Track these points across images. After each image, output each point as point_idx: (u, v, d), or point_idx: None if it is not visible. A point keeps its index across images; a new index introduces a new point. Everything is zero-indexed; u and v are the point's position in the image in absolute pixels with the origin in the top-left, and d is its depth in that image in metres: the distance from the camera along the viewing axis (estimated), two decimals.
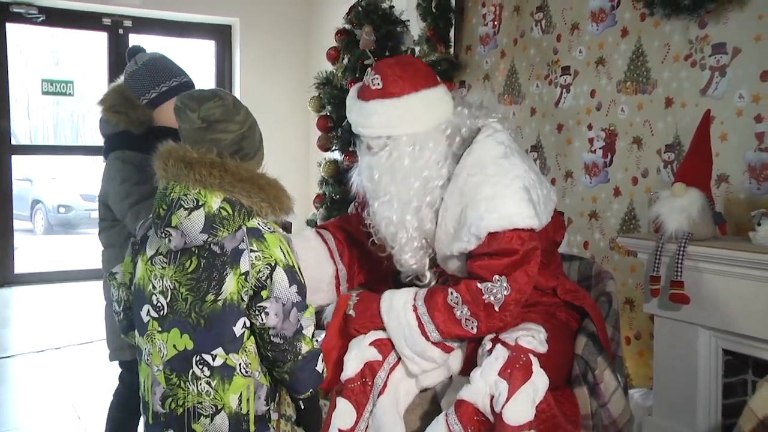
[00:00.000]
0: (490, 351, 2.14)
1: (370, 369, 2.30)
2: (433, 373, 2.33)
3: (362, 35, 4.01)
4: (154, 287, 1.94)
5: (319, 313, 2.36)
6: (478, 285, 2.15)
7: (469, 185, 2.20)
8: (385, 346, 2.29)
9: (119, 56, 6.68)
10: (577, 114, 3.95)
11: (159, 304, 1.93)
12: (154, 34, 6.96)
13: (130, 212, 2.54)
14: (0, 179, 6.45)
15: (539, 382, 2.09)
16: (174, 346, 1.92)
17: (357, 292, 2.38)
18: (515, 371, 2.06)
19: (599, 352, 2.37)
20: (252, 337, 1.94)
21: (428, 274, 2.36)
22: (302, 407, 2.03)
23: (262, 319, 1.88)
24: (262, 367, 1.97)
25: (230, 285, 1.87)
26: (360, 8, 4.10)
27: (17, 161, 10.78)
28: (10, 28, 6.32)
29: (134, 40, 6.79)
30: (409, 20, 4.26)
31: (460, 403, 2.09)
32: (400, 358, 2.28)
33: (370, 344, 2.30)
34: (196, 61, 6.88)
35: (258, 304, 1.88)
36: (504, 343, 2.15)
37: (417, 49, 4.20)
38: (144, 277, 1.96)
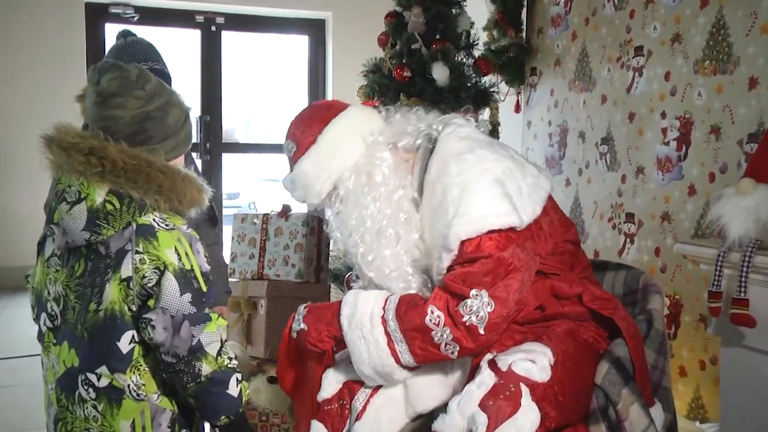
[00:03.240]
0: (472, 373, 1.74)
1: (349, 390, 1.94)
2: (427, 395, 1.90)
3: (411, 17, 3.62)
4: (48, 293, 1.64)
5: None
6: (457, 307, 1.73)
7: (436, 193, 1.82)
8: None
9: (212, 53, 6.66)
10: (650, 100, 3.37)
11: (53, 313, 1.64)
12: (246, 30, 6.87)
13: None
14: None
15: (524, 419, 1.65)
16: (64, 362, 1.61)
17: (305, 305, 2.01)
18: (498, 403, 1.65)
19: (624, 383, 1.87)
20: (150, 354, 1.61)
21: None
22: None
23: (149, 334, 1.54)
24: (164, 388, 1.66)
25: (110, 293, 1.54)
26: None
27: None
28: (109, 28, 6.41)
29: (227, 36, 6.73)
30: (466, 1, 3.81)
31: None
32: None
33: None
34: (289, 57, 6.74)
35: (144, 316, 1.54)
36: (494, 367, 1.73)
37: (473, 33, 3.76)
38: (41, 282, 1.67)
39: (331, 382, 1.96)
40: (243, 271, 3.50)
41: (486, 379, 1.71)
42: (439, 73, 3.49)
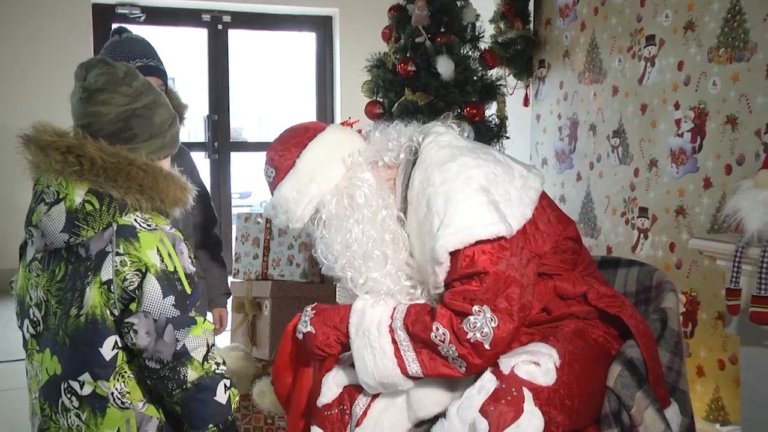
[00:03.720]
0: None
1: (349, 395, 1.86)
2: (429, 400, 1.81)
3: (414, 10, 3.52)
4: (30, 299, 1.57)
5: None
6: (460, 324, 1.66)
7: (421, 206, 1.75)
8: None
9: (219, 52, 6.59)
10: (663, 91, 3.24)
11: (35, 319, 1.57)
12: (253, 28, 6.80)
13: None
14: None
15: (527, 425, 1.58)
16: (46, 369, 1.54)
17: (312, 305, 1.93)
18: (499, 408, 1.58)
19: (638, 385, 1.78)
20: (135, 360, 1.54)
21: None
22: None
23: (132, 339, 1.46)
24: (151, 396, 1.58)
25: (91, 297, 1.46)
26: None
27: None
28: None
29: (233, 35, 6.66)
30: None
31: None
32: None
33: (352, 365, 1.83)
34: (297, 54, 6.66)
35: (125, 320, 1.47)
36: (496, 370, 1.66)
37: (479, 25, 3.65)
38: (23, 287, 1.60)
39: (331, 387, 1.87)
40: (247, 272, 3.42)
41: (487, 383, 1.65)
42: (444, 66, 3.39)
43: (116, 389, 1.52)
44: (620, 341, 1.86)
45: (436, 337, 1.68)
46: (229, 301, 3.39)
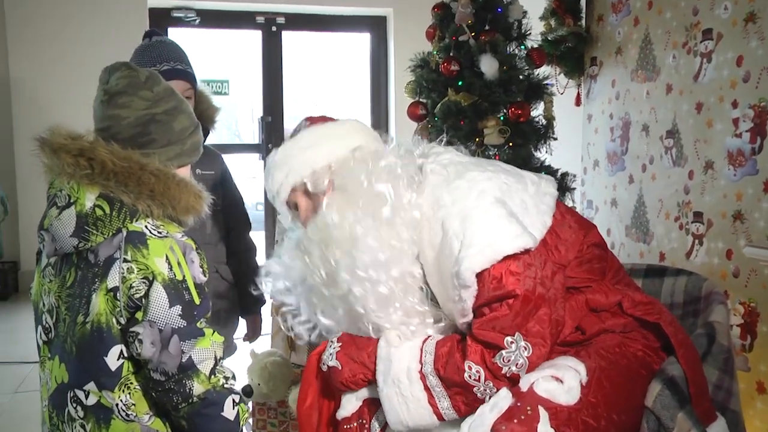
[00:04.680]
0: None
1: (368, 408, 1.77)
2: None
3: (458, 8, 3.40)
4: (44, 305, 1.55)
5: None
6: (494, 360, 1.55)
7: (435, 231, 1.62)
8: None
9: (273, 54, 6.59)
10: (720, 89, 3.04)
11: (47, 326, 1.54)
12: (307, 29, 6.77)
13: None
14: None
15: None
16: (55, 377, 1.51)
17: (338, 335, 1.82)
18: (511, 427, 1.47)
19: (679, 406, 1.63)
20: (142, 371, 1.49)
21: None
22: None
23: (137, 348, 1.42)
24: (157, 409, 1.53)
25: (97, 304, 1.42)
26: None
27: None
28: (172, 32, 6.42)
29: (287, 36, 6.65)
30: None
31: None
32: None
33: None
34: (351, 55, 6.60)
35: (131, 329, 1.42)
36: (514, 387, 1.55)
37: (525, 22, 3.50)
38: (37, 293, 1.58)
39: (351, 400, 1.78)
40: None
41: (501, 400, 1.54)
42: (487, 65, 3.26)
43: (121, 400, 1.47)
44: (662, 354, 1.71)
45: (470, 377, 1.57)
46: (268, 306, 3.36)
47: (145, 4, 6.08)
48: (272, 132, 6.55)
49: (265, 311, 2.70)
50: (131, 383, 1.48)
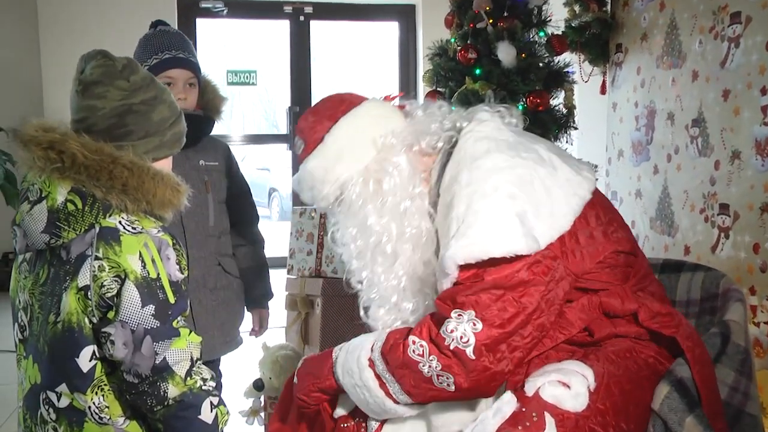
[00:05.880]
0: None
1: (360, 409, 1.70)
2: (451, 418, 1.62)
3: None
4: (19, 302, 1.50)
5: None
6: (439, 331, 1.48)
7: (444, 205, 1.57)
8: None
9: (301, 43, 6.56)
10: (748, 75, 2.89)
11: (23, 323, 1.50)
12: (335, 19, 6.73)
13: None
14: None
15: None
16: (29, 378, 1.47)
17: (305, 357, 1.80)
18: None
19: (688, 409, 1.54)
20: (116, 373, 1.43)
21: None
22: None
23: (109, 350, 1.37)
24: (133, 412, 1.48)
25: (68, 303, 1.37)
26: None
27: (254, 151, 11.32)
28: (200, 23, 6.43)
29: (315, 26, 6.61)
30: None
31: None
32: None
33: None
34: (379, 45, 6.53)
35: (103, 330, 1.37)
36: (519, 391, 1.47)
37: (546, 8, 3.39)
38: (14, 289, 1.53)
39: (346, 399, 1.73)
40: (301, 268, 3.33)
41: (504, 405, 1.47)
42: (505, 53, 3.15)
43: (94, 403, 1.42)
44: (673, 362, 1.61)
45: (414, 352, 1.49)
46: (281, 299, 3.32)
47: None
48: None
49: (273, 304, 2.66)
50: (105, 385, 1.43)
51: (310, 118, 1.72)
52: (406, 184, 1.64)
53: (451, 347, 1.44)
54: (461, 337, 1.44)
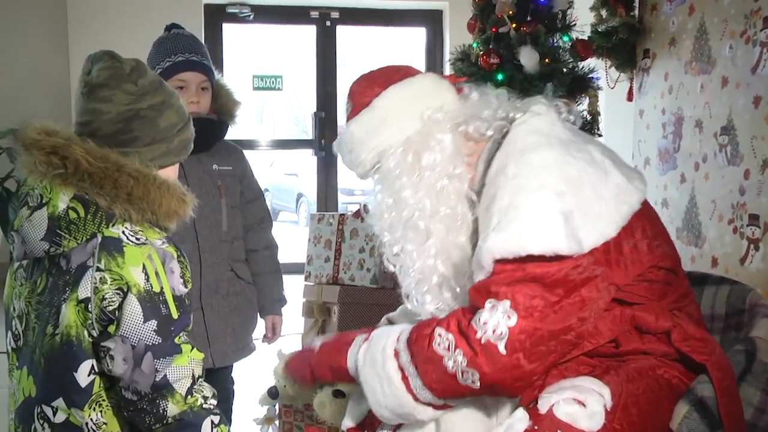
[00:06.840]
0: None
1: (370, 420, 1.67)
2: (464, 428, 1.58)
3: None
4: (14, 309, 1.46)
5: None
6: (470, 322, 1.40)
7: (489, 195, 1.50)
8: None
9: (327, 49, 6.54)
10: None
11: (16, 332, 1.45)
12: (362, 24, 6.72)
13: None
14: None
15: None
16: (23, 390, 1.42)
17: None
18: None
19: (710, 430, 1.47)
20: (115, 388, 1.38)
21: None
22: None
23: (108, 365, 1.32)
24: (131, 429, 1.44)
25: (67, 315, 1.32)
26: None
27: (283, 156, 11.35)
28: (227, 28, 6.45)
29: (342, 31, 6.60)
30: None
31: None
32: None
33: None
34: (406, 50, 6.51)
35: (102, 344, 1.32)
36: (532, 408, 1.41)
37: (570, 12, 3.32)
38: (8, 296, 1.48)
39: (354, 410, 1.70)
40: (318, 275, 3.29)
41: (516, 422, 1.40)
42: (527, 57, 3.09)
43: (91, 419, 1.37)
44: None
45: (439, 345, 1.43)
46: (299, 306, 3.29)
47: (200, 1, 6.11)
48: (326, 127, 6.51)
49: (289, 311, 2.62)
50: (103, 400, 1.38)
51: (363, 83, 1.68)
52: (446, 163, 1.58)
53: (483, 341, 1.37)
54: (494, 330, 1.36)
